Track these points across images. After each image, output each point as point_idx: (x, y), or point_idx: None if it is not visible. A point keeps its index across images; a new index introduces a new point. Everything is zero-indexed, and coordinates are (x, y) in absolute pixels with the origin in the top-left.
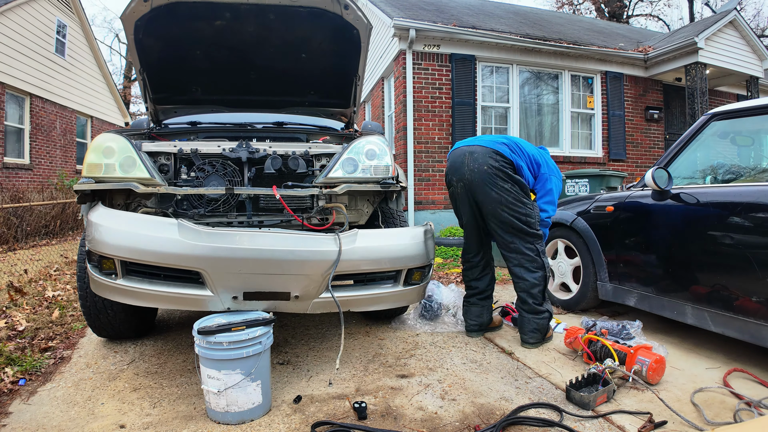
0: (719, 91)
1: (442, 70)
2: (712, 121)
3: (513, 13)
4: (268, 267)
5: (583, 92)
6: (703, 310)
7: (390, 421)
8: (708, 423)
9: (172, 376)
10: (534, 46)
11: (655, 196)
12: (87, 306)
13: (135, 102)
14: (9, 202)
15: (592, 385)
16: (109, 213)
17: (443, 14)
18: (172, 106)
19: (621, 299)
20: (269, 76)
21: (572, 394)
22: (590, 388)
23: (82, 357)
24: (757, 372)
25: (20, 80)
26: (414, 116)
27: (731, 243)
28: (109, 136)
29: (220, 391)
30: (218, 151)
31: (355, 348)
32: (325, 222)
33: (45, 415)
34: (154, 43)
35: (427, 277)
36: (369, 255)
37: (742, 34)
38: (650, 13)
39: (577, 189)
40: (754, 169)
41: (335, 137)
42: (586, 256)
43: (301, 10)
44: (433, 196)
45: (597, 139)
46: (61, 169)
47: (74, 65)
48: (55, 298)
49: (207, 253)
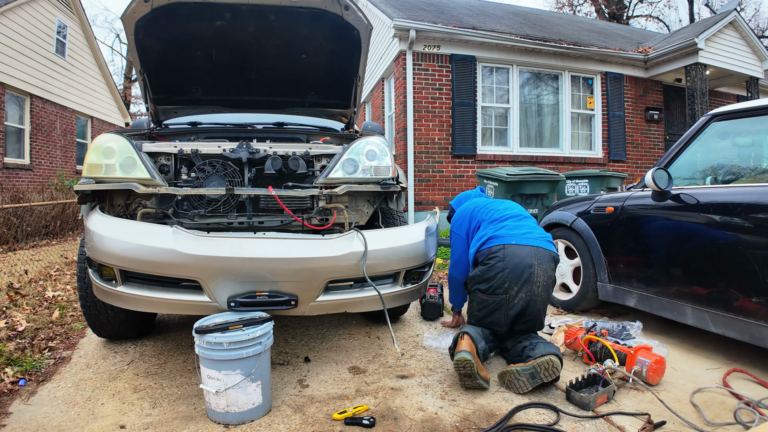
0: (719, 91)
1: (442, 70)
2: (712, 122)
3: (513, 13)
4: (264, 274)
5: (583, 93)
6: (703, 310)
7: (390, 421)
8: (708, 423)
9: (172, 377)
10: (534, 46)
11: (655, 197)
12: (87, 306)
13: (135, 102)
14: (9, 203)
15: (592, 385)
16: (105, 221)
17: (443, 15)
18: (172, 106)
19: (621, 300)
20: (269, 77)
21: (572, 394)
22: (590, 389)
23: (82, 357)
24: (756, 372)
25: (20, 80)
26: (414, 117)
27: (731, 243)
28: (109, 137)
29: (220, 391)
30: (218, 152)
31: (355, 348)
32: (326, 222)
33: (45, 415)
34: (155, 44)
35: (427, 275)
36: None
37: (742, 35)
38: (650, 14)
39: (578, 190)
40: (755, 170)
41: (335, 138)
42: (586, 257)
43: (302, 10)
44: (433, 196)
45: (597, 139)
46: (61, 169)
47: (74, 65)
48: (55, 298)
49: (202, 262)
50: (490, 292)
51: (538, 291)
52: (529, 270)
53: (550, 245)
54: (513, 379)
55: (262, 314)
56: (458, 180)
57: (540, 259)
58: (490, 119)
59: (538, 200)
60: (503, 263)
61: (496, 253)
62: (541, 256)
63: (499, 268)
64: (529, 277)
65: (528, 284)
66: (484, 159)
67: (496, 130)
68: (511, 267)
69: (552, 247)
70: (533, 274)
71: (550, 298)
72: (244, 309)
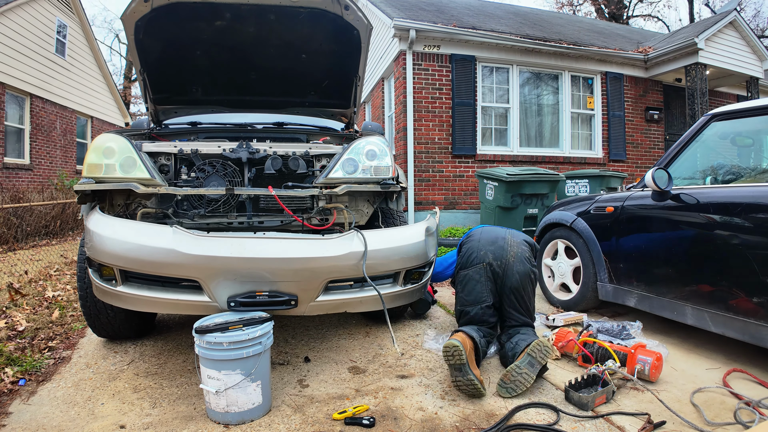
0: (719, 91)
1: (442, 70)
2: (712, 122)
3: (513, 13)
4: (264, 274)
5: (583, 93)
6: (703, 310)
7: (390, 421)
8: (708, 423)
9: (172, 377)
10: (534, 46)
11: (655, 197)
12: (87, 306)
13: (135, 102)
14: (9, 203)
15: (592, 386)
16: (105, 221)
17: (443, 15)
18: (172, 106)
19: (621, 300)
20: (269, 77)
21: (571, 394)
22: (590, 389)
23: (82, 357)
24: (756, 372)
25: (20, 80)
26: (414, 117)
27: (731, 243)
28: (109, 137)
29: (220, 391)
30: (218, 152)
31: (355, 348)
32: (326, 222)
33: (45, 415)
34: (155, 44)
35: (427, 275)
36: (370, 256)
37: (742, 35)
38: (650, 14)
39: (577, 189)
40: (755, 170)
41: (335, 138)
42: (586, 257)
43: (302, 10)
44: (433, 196)
45: (597, 139)
46: (61, 169)
47: (74, 65)
48: (55, 298)
49: (202, 262)
50: (469, 265)
51: (512, 261)
52: (503, 240)
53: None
54: (515, 376)
55: (262, 314)
56: (458, 180)
57: (513, 236)
58: (490, 119)
59: (538, 200)
60: (478, 236)
61: (471, 234)
62: (514, 234)
63: (474, 240)
64: (502, 245)
65: (501, 252)
66: (484, 159)
67: (496, 130)
68: (485, 239)
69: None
70: (506, 242)
71: (530, 280)
72: (244, 309)
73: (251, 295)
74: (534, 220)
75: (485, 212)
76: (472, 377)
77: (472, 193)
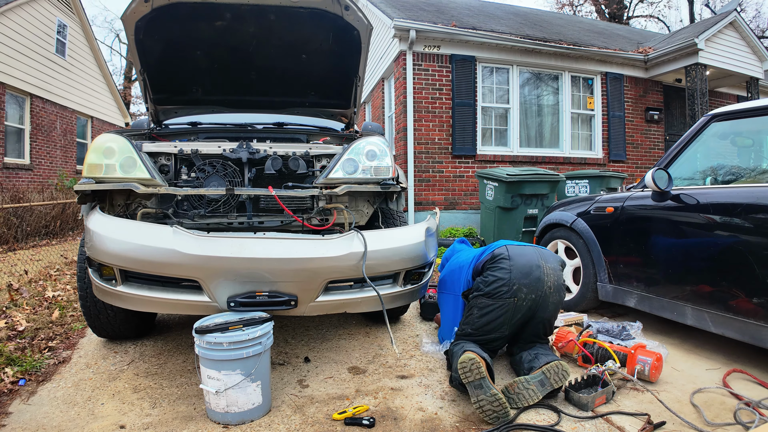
0: (719, 92)
1: (442, 70)
2: (712, 122)
3: (513, 14)
4: (264, 274)
5: (583, 93)
6: (703, 311)
7: (390, 422)
8: (708, 424)
9: (172, 377)
10: (534, 47)
11: (655, 197)
12: (87, 306)
13: (135, 102)
14: (9, 203)
15: (592, 386)
16: (105, 220)
17: (443, 15)
18: (172, 106)
19: (621, 300)
20: (270, 77)
21: (571, 395)
22: (590, 390)
23: (82, 357)
24: (756, 373)
25: (20, 80)
26: (414, 117)
27: (731, 244)
28: (109, 137)
29: (220, 391)
30: (219, 152)
31: (355, 349)
32: (326, 223)
33: (45, 415)
34: (155, 44)
35: (427, 276)
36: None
37: (743, 35)
38: (650, 14)
39: (577, 190)
40: (755, 170)
41: (335, 138)
42: (586, 257)
43: (302, 10)
44: (433, 197)
45: (597, 140)
46: (61, 169)
47: (74, 65)
48: (55, 298)
49: (202, 262)
50: (495, 295)
51: (549, 292)
52: (538, 270)
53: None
54: (521, 390)
55: (262, 314)
56: (458, 180)
57: (546, 260)
58: (490, 119)
59: (538, 200)
60: (509, 262)
61: (499, 255)
62: (546, 257)
63: (505, 267)
64: (538, 276)
65: (538, 284)
66: (484, 159)
67: (496, 130)
68: (518, 269)
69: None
70: (542, 272)
71: (563, 303)
72: (244, 309)
73: (251, 296)
74: (534, 221)
75: (485, 212)
76: (495, 392)
77: (472, 194)
